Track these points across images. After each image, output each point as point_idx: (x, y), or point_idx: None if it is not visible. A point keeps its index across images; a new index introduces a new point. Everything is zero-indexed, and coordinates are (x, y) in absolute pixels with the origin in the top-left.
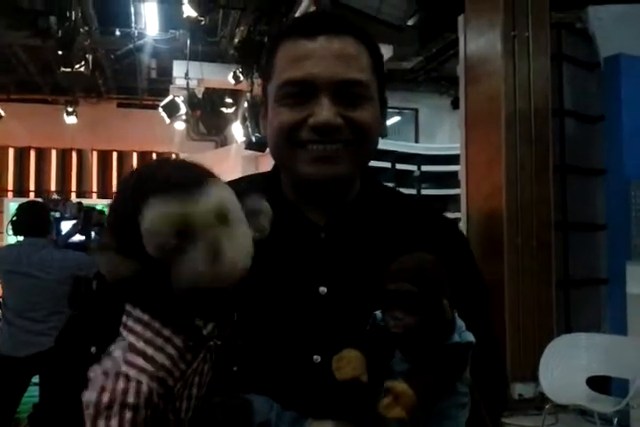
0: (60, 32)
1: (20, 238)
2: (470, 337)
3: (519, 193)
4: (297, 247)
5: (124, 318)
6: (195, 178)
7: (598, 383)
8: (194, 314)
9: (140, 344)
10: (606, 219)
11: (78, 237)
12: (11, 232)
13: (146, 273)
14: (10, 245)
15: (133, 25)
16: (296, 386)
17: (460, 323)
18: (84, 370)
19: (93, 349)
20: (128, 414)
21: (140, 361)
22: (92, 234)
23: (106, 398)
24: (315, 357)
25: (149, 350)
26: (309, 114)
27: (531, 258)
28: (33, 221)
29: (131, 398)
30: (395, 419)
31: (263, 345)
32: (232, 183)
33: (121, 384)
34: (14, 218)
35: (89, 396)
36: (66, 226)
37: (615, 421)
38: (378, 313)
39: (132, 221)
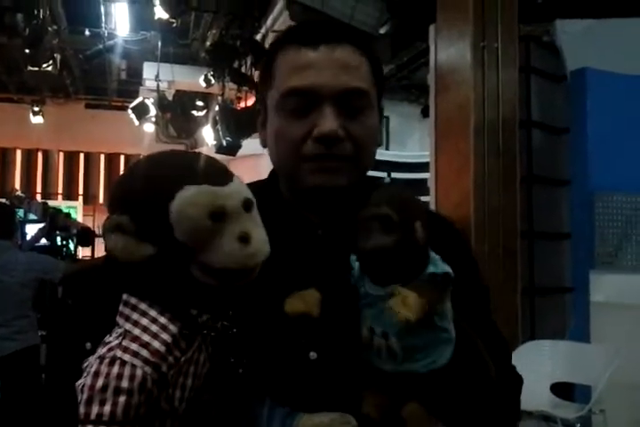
0: (27, 30)
1: None
2: (447, 268)
3: (487, 202)
4: (295, 245)
5: (121, 307)
6: (224, 170)
7: (562, 390)
8: (190, 304)
9: (136, 331)
10: (571, 228)
11: (43, 241)
12: None
13: (158, 258)
14: None
15: (103, 25)
16: (292, 382)
17: (435, 255)
18: (78, 365)
19: (88, 345)
20: (121, 399)
21: (134, 347)
22: (58, 238)
23: (100, 382)
24: (311, 353)
25: (145, 337)
26: (314, 125)
27: (497, 266)
28: None
29: (125, 383)
30: (404, 319)
31: (259, 341)
32: None
33: (115, 369)
34: None
35: (83, 380)
36: (30, 229)
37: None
38: (353, 257)
39: (162, 208)
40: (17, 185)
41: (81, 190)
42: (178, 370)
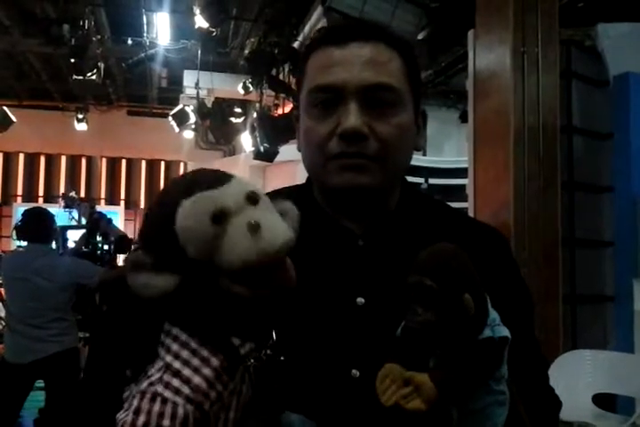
0: (72, 40)
1: (24, 244)
2: (505, 332)
3: (527, 209)
4: (334, 256)
5: (162, 337)
6: (217, 175)
7: (604, 401)
8: (230, 331)
9: (177, 365)
10: (614, 236)
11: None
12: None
13: (185, 286)
14: (15, 252)
15: (145, 34)
16: (334, 401)
17: (494, 316)
18: (118, 393)
19: (129, 372)
20: None
21: (176, 383)
22: (98, 244)
23: (141, 420)
24: (353, 371)
25: (186, 371)
26: (338, 122)
27: (537, 274)
28: (37, 227)
29: (166, 422)
30: (413, 411)
31: (299, 359)
32: (269, 195)
33: (157, 406)
34: (19, 223)
35: (124, 416)
36: (72, 235)
37: None
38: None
39: (168, 233)
40: (61, 190)
41: (123, 195)
42: (220, 405)
